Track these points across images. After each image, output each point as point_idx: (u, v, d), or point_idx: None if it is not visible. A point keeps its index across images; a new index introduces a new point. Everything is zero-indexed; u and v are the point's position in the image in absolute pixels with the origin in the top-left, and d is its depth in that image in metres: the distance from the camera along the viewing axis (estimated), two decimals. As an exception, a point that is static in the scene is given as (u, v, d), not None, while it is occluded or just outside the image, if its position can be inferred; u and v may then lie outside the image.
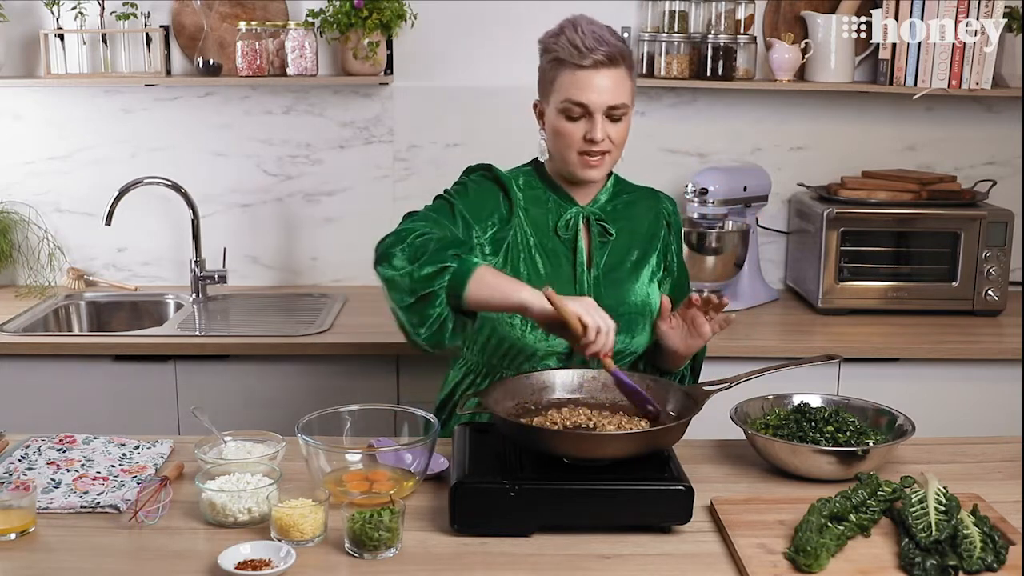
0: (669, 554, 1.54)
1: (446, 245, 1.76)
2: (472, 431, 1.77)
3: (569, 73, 1.86)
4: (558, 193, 2.00)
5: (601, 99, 1.85)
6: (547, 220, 1.98)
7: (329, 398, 2.09)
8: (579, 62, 1.85)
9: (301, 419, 1.74)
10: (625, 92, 1.89)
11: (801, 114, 3.19)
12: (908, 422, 1.83)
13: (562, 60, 1.87)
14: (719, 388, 1.77)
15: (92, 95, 3.13)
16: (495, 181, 1.98)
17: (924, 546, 1.48)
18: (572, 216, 1.98)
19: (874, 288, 2.98)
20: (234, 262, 3.16)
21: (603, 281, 1.97)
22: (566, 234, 1.97)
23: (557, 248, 1.97)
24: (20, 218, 3.16)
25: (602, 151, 1.89)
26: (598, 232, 1.99)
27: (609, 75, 1.86)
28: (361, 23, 2.91)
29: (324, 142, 3.17)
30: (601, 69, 1.85)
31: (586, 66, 1.85)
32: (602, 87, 1.85)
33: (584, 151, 1.89)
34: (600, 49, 1.85)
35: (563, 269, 1.96)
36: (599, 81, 1.85)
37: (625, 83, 1.89)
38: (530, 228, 1.96)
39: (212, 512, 1.60)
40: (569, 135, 1.89)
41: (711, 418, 1.78)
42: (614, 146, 1.91)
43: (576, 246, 1.97)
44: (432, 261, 1.73)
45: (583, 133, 1.88)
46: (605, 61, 1.85)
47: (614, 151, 1.92)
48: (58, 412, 2.62)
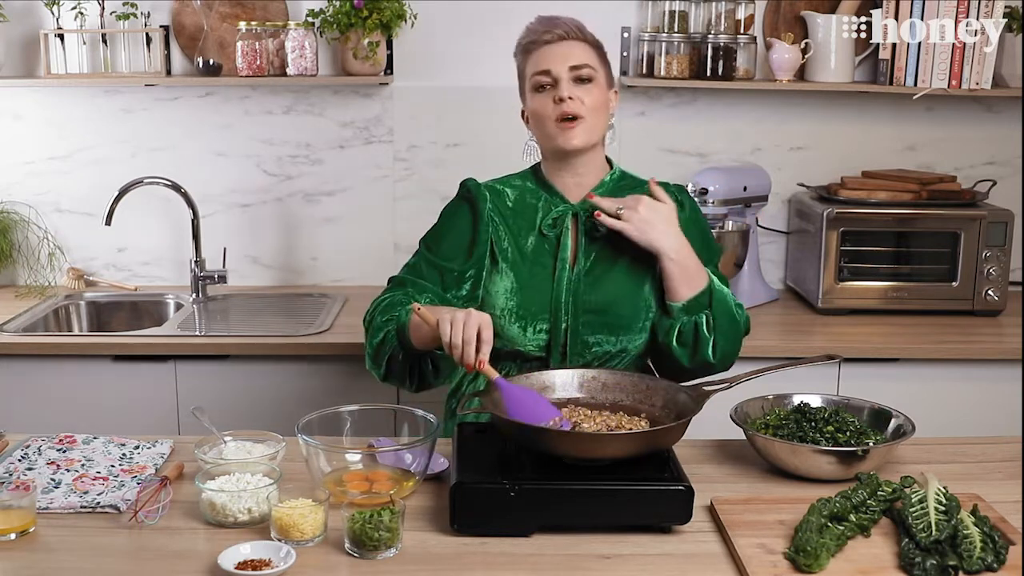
0: (669, 554, 1.54)
1: (386, 309, 1.92)
2: (472, 431, 1.77)
3: (533, 53, 1.97)
4: (550, 192, 2.01)
5: (564, 63, 1.94)
6: (535, 219, 2.00)
7: (329, 398, 2.10)
8: (538, 39, 1.97)
9: (301, 419, 1.74)
10: (588, 56, 1.97)
11: (801, 114, 3.19)
12: (908, 422, 1.83)
13: (524, 47, 1.99)
14: (719, 388, 1.77)
15: (92, 95, 3.13)
16: (465, 198, 2.05)
17: (924, 546, 1.48)
18: (559, 213, 1.99)
19: (874, 288, 2.98)
20: (234, 262, 3.16)
21: (585, 280, 1.97)
22: (551, 231, 1.98)
23: (541, 245, 1.98)
24: (20, 218, 3.16)
25: (575, 114, 1.93)
26: (585, 230, 1.99)
27: (567, 44, 1.96)
28: (361, 23, 2.91)
29: (324, 142, 3.17)
30: (559, 41, 1.96)
31: (545, 41, 1.96)
32: (560, 53, 1.95)
33: (558, 117, 1.93)
34: (554, 28, 1.96)
35: (544, 267, 1.97)
36: (558, 49, 1.96)
37: (587, 52, 1.97)
38: (509, 229, 1.99)
39: (212, 512, 1.60)
40: (542, 106, 1.96)
41: (711, 418, 1.78)
42: (588, 110, 1.94)
43: (560, 244, 1.97)
44: (376, 332, 1.92)
45: (552, 98, 1.94)
46: (563, 35, 1.96)
47: (588, 116, 1.94)
48: (58, 412, 2.62)
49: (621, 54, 3.11)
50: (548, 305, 1.95)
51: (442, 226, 2.05)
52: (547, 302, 1.95)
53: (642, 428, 1.69)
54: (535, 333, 1.95)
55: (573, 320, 1.95)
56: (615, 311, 1.96)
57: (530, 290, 1.95)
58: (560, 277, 1.96)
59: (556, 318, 1.95)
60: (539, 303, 1.95)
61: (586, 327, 1.95)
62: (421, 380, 1.95)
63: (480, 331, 1.70)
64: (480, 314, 1.73)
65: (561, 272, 1.96)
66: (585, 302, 1.95)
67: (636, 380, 1.83)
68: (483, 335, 1.70)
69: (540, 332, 1.95)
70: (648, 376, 1.87)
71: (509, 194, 2.03)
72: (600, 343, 1.96)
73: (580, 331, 1.95)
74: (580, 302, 1.95)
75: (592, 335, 1.96)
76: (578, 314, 1.95)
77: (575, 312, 1.95)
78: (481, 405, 1.73)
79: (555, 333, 1.95)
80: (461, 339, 1.69)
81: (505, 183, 2.06)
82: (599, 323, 1.96)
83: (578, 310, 1.95)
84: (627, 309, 1.97)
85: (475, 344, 1.69)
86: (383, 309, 1.93)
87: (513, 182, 2.06)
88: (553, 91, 1.94)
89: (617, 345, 1.97)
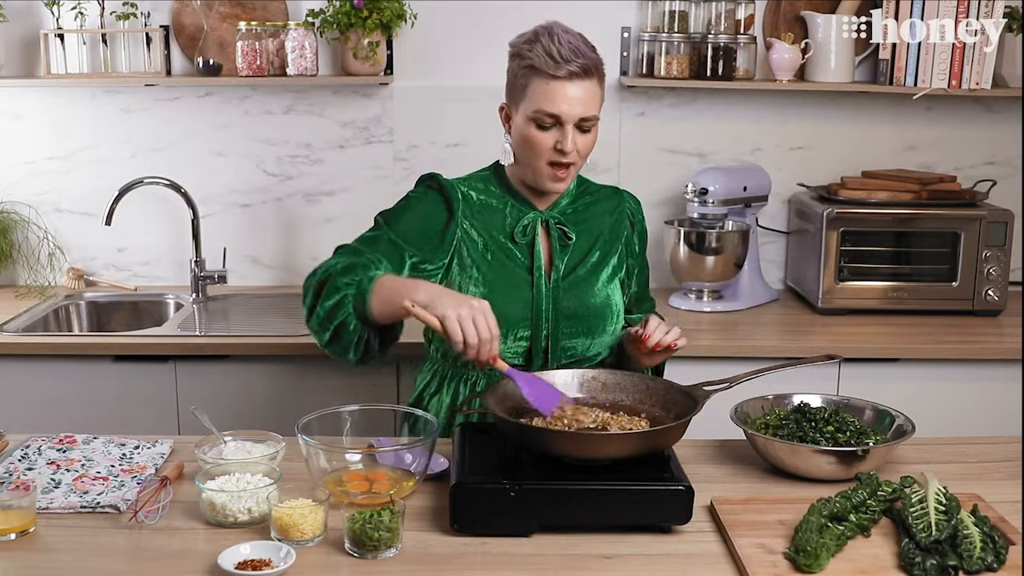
0: (669, 554, 1.54)
1: (346, 270, 1.81)
2: (472, 431, 1.77)
3: (543, 83, 1.85)
4: (516, 198, 2.00)
5: (574, 111, 1.85)
6: (503, 225, 1.98)
7: (329, 398, 2.09)
8: (554, 72, 1.84)
9: (301, 419, 1.74)
10: (596, 104, 1.90)
11: (801, 114, 3.19)
12: (908, 422, 1.83)
13: (536, 68, 1.86)
14: (719, 388, 1.77)
15: (92, 95, 3.13)
16: (439, 191, 1.98)
17: (924, 546, 1.48)
18: (530, 221, 1.98)
19: (874, 288, 2.98)
20: (234, 262, 3.16)
21: (562, 285, 1.97)
22: (523, 239, 1.97)
23: (513, 253, 1.97)
24: (20, 218, 3.16)
25: (570, 162, 1.89)
26: (558, 236, 1.99)
27: (582, 87, 1.85)
28: (361, 23, 2.91)
29: (324, 142, 3.17)
30: (575, 80, 1.85)
31: (560, 77, 1.84)
32: (575, 98, 1.85)
33: (553, 161, 1.89)
34: (575, 60, 1.84)
35: (517, 274, 1.96)
36: (572, 92, 1.85)
37: (596, 95, 1.89)
38: (479, 235, 1.96)
39: (212, 512, 1.60)
40: (539, 144, 1.88)
41: (711, 418, 1.79)
42: (580, 157, 1.91)
43: (534, 251, 1.97)
44: (331, 293, 1.79)
45: (553, 143, 1.88)
46: (580, 72, 1.85)
47: (579, 162, 1.92)
48: (58, 412, 2.62)
49: (621, 54, 3.11)
50: (529, 313, 1.94)
51: (410, 210, 1.97)
52: (527, 310, 1.95)
53: (642, 428, 1.69)
54: (515, 341, 1.94)
55: (553, 327, 1.95)
56: (589, 315, 1.98)
57: (508, 299, 1.93)
58: (539, 285, 1.96)
59: (537, 326, 1.95)
60: (518, 312, 1.94)
61: (565, 333, 1.96)
62: (367, 352, 1.85)
63: (491, 327, 1.68)
64: (480, 303, 1.69)
65: (539, 280, 1.96)
66: (565, 308, 1.96)
67: (636, 380, 1.83)
68: (493, 331, 1.68)
69: (520, 340, 1.95)
70: (648, 376, 1.87)
71: (473, 196, 1.99)
72: (576, 347, 1.97)
73: (559, 337, 1.96)
74: (560, 308, 1.96)
75: (569, 340, 1.97)
76: (559, 320, 1.95)
77: (556, 319, 1.95)
78: (483, 405, 1.72)
79: (536, 340, 1.95)
80: (477, 338, 1.67)
81: (468, 184, 2.01)
82: (576, 328, 1.97)
83: (558, 316, 1.95)
84: (599, 313, 1.99)
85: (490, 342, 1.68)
86: (342, 270, 1.81)
87: (476, 184, 2.01)
88: (555, 132, 1.87)
89: (592, 349, 1.99)
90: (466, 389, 1.98)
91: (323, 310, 1.80)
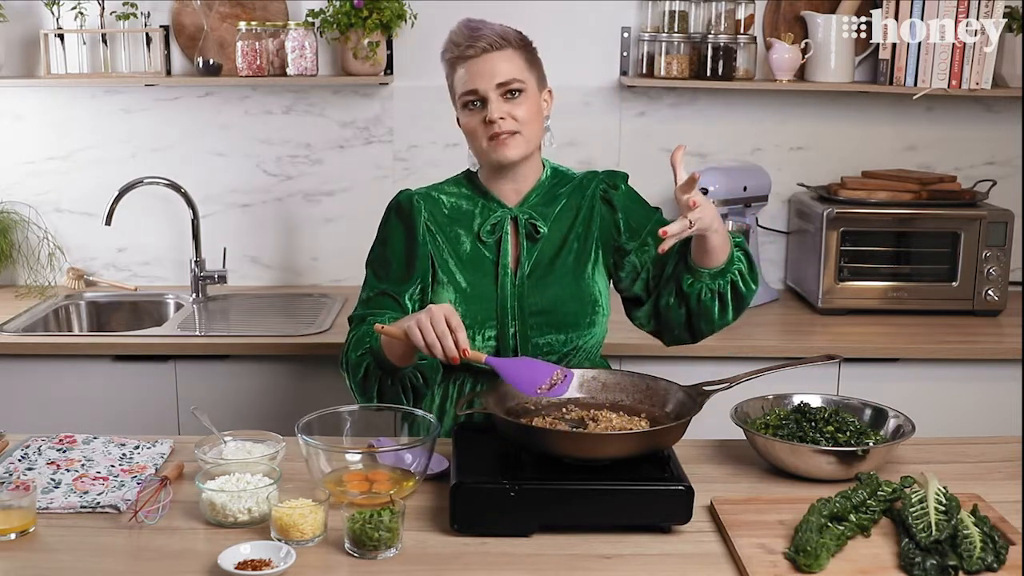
0: (669, 554, 1.54)
1: (357, 344, 1.90)
2: (472, 431, 1.77)
3: (459, 69, 1.93)
4: (487, 197, 2.01)
5: (490, 81, 1.89)
6: (473, 225, 1.99)
7: (329, 398, 2.09)
8: (461, 54, 1.91)
9: (301, 419, 1.74)
10: (517, 69, 1.91)
11: (801, 114, 3.19)
12: (908, 422, 1.83)
13: (450, 61, 1.94)
14: (719, 388, 1.77)
15: (92, 95, 3.13)
16: (397, 215, 2.02)
17: (924, 546, 1.48)
18: (498, 219, 1.98)
19: (874, 288, 2.98)
20: (234, 262, 3.17)
21: (527, 282, 1.97)
22: (490, 238, 1.98)
23: (481, 253, 1.98)
24: (20, 218, 3.16)
25: (508, 131, 1.90)
26: (527, 232, 1.99)
27: (492, 58, 1.89)
28: (361, 23, 2.91)
29: (324, 142, 3.17)
30: (484, 55, 1.89)
31: (469, 56, 1.90)
32: (485, 70, 1.89)
33: (490, 135, 1.91)
34: (477, 38, 1.90)
35: (487, 274, 1.97)
36: (482, 66, 1.89)
37: (515, 61, 1.91)
38: (446, 240, 1.98)
39: (212, 512, 1.60)
40: (474, 126, 1.93)
41: (711, 418, 1.79)
42: (521, 124, 1.91)
43: (501, 249, 1.97)
44: (356, 370, 1.89)
45: (483, 118, 1.91)
46: (486, 47, 1.89)
47: (523, 129, 1.91)
48: (58, 412, 2.62)
49: (621, 54, 3.11)
50: (494, 312, 1.95)
51: (385, 247, 2.01)
52: (492, 309, 1.95)
53: (642, 428, 1.69)
54: (484, 340, 1.94)
55: (521, 324, 1.95)
56: (561, 310, 1.96)
57: (475, 298, 1.94)
58: (504, 283, 1.96)
59: (503, 324, 1.95)
60: (484, 310, 1.94)
61: (534, 329, 1.95)
62: (415, 394, 1.92)
63: (448, 320, 1.70)
64: (439, 306, 1.73)
65: (504, 278, 1.96)
66: (531, 304, 1.95)
67: (636, 380, 1.83)
68: (452, 323, 1.70)
69: (489, 339, 1.95)
70: (648, 376, 1.87)
71: (445, 201, 2.01)
72: (550, 343, 1.96)
73: (529, 334, 1.95)
74: (525, 305, 1.95)
75: (541, 337, 1.96)
76: (525, 317, 1.95)
77: (522, 316, 1.95)
78: (482, 405, 1.72)
79: (503, 338, 1.95)
80: (435, 336, 1.69)
81: (440, 190, 2.04)
82: (546, 324, 1.96)
83: (524, 313, 1.95)
84: (572, 307, 1.97)
85: (451, 335, 1.69)
86: (353, 346, 1.91)
87: (448, 189, 2.04)
88: (482, 110, 1.90)
89: (568, 344, 1.97)
90: (455, 389, 1.99)
91: (357, 386, 1.92)
